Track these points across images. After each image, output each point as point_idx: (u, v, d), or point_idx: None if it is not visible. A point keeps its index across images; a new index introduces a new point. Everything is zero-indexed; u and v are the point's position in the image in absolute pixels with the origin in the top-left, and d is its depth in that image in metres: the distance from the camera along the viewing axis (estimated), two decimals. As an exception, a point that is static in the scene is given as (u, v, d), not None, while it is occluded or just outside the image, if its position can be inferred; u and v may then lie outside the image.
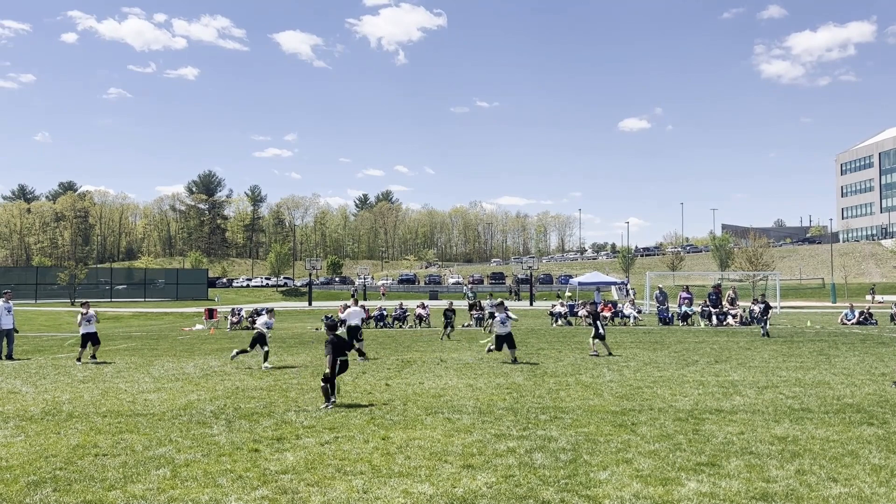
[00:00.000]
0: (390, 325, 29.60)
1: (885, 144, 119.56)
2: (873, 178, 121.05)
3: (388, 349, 19.62)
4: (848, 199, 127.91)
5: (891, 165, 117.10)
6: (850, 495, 5.88)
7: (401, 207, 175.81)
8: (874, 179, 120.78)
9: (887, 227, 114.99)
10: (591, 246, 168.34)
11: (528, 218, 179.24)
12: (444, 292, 78.76)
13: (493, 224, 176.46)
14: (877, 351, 17.81)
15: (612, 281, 53.28)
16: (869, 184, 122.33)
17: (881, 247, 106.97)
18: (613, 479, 6.41)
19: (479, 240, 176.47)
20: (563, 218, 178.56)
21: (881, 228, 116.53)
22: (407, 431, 8.56)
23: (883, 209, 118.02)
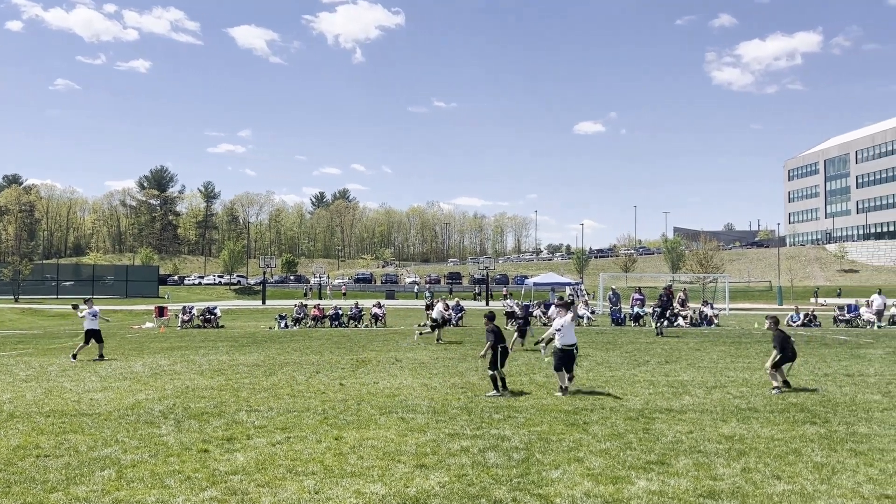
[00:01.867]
0: (345, 325, 29.40)
1: (830, 152, 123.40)
2: (819, 184, 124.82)
3: (343, 349, 19.48)
4: (795, 205, 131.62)
5: (835, 172, 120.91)
6: (794, 492, 6.04)
7: (358, 206, 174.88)
8: (819, 186, 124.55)
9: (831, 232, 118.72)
10: (546, 247, 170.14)
11: (485, 219, 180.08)
12: (400, 292, 78.57)
13: (451, 224, 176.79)
14: (820, 352, 18.34)
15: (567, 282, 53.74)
16: (814, 190, 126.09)
17: (825, 251, 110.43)
18: (565, 478, 6.46)
19: (436, 240, 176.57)
20: (519, 219, 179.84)
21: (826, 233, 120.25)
22: (360, 431, 8.50)
23: (827, 215, 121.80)
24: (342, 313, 30.26)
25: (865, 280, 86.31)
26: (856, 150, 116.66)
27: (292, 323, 29.47)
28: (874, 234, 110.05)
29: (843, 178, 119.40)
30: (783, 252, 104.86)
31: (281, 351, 18.94)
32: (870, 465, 6.86)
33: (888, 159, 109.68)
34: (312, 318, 30.14)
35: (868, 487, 6.17)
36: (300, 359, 16.91)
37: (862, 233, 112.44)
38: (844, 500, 5.84)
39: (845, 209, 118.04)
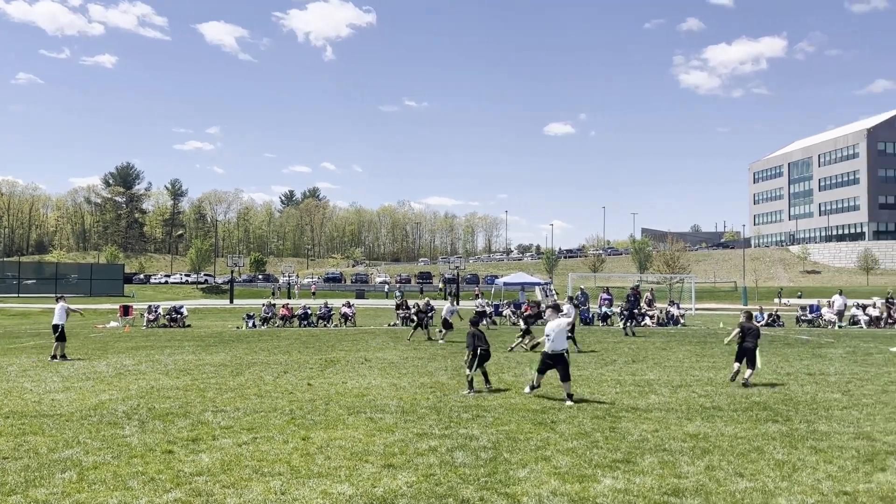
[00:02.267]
0: (314, 325, 29.22)
1: (794, 155, 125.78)
2: (783, 186, 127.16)
3: (311, 348, 19.36)
4: (759, 207, 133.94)
5: (799, 175, 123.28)
6: (755, 489, 6.14)
7: (328, 205, 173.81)
8: (783, 188, 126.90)
9: (795, 233, 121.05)
10: (516, 247, 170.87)
11: (456, 218, 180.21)
12: (370, 291, 78.33)
13: (422, 224, 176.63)
14: (783, 352, 18.69)
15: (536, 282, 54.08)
16: (779, 192, 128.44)
17: (789, 252, 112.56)
18: (532, 477, 6.49)
19: (407, 239, 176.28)
20: (490, 219, 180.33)
21: (789, 235, 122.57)
22: (328, 431, 8.46)
23: (791, 217, 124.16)
24: (311, 313, 30.08)
25: (827, 281, 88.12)
26: (818, 154, 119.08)
27: (260, 322, 29.21)
28: (835, 237, 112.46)
29: (805, 181, 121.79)
30: (748, 253, 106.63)
31: (248, 351, 18.77)
32: (829, 463, 7.01)
33: (849, 163, 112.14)
34: (281, 317, 29.90)
35: (827, 484, 6.30)
36: (268, 359, 16.77)
37: (824, 235, 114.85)
38: (804, 496, 5.96)
39: (808, 211, 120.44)
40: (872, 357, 17.26)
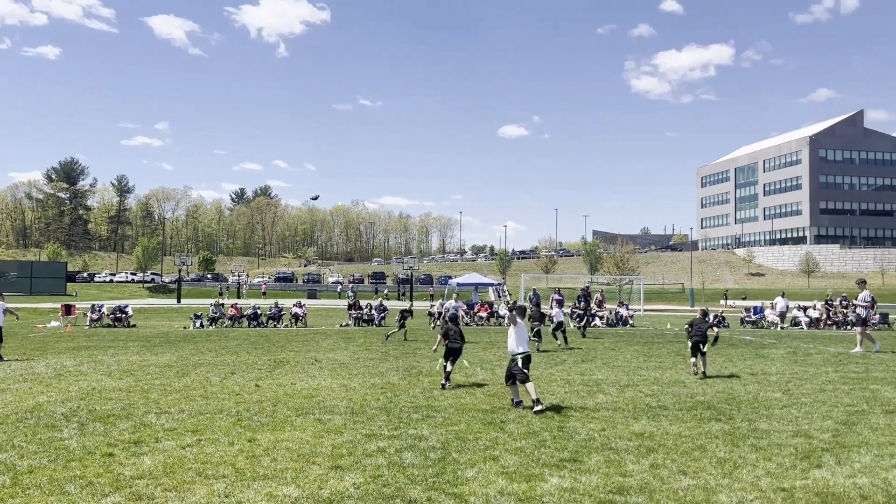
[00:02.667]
0: (264, 325, 28.82)
1: (740, 161, 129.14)
2: (729, 191, 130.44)
3: (260, 349, 19.08)
4: (707, 210, 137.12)
5: (745, 180, 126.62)
6: (698, 487, 6.27)
7: (280, 203, 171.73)
8: (730, 193, 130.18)
9: (740, 237, 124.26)
10: (470, 248, 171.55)
11: (410, 218, 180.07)
12: (323, 291, 77.67)
13: (376, 223, 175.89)
14: (727, 352, 19.15)
15: (490, 282, 54.56)
16: (725, 196, 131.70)
17: (735, 255, 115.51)
18: (480, 477, 6.51)
19: (360, 239, 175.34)
20: (444, 220, 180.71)
21: (735, 238, 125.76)
22: (275, 433, 8.34)
23: (737, 220, 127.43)
24: (261, 313, 29.66)
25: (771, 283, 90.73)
26: (763, 160, 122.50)
27: (208, 322, 28.69)
28: (779, 240, 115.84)
29: (751, 186, 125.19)
30: (695, 256, 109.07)
31: (195, 351, 18.40)
32: (768, 460, 7.19)
33: (792, 169, 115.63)
34: (229, 317, 29.42)
35: (766, 481, 6.46)
36: (215, 359, 16.47)
37: (768, 238, 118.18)
38: (744, 493, 6.10)
39: (753, 215, 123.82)
40: (812, 357, 17.81)
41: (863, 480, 6.49)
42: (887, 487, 6.29)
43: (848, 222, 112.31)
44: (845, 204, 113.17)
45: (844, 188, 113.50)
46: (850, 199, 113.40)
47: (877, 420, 9.37)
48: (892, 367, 15.80)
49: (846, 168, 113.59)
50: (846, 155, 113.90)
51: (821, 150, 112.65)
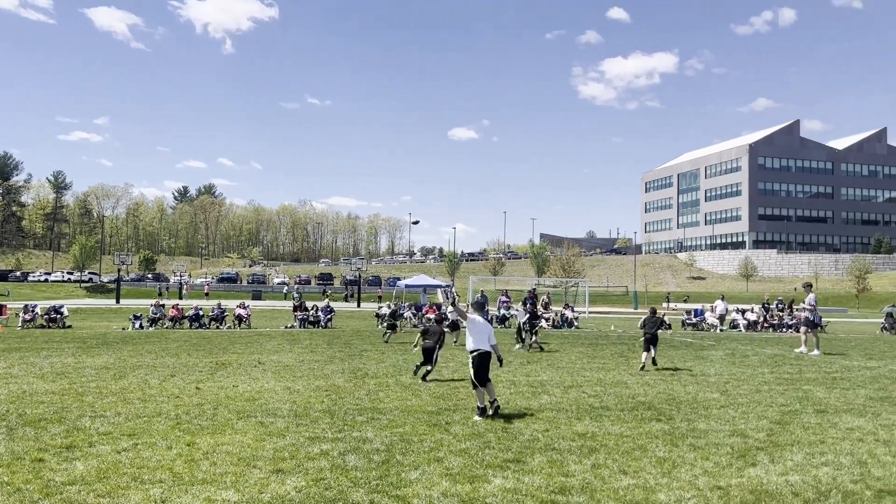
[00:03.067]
0: (206, 326, 28.23)
1: (683, 167, 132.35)
2: (672, 196, 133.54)
3: (202, 351, 18.67)
4: (650, 215, 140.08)
5: (687, 186, 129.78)
6: (637, 486, 6.37)
7: (224, 202, 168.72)
8: (673, 198, 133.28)
9: (682, 241, 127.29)
10: (419, 249, 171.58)
11: (359, 219, 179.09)
12: (268, 292, 76.56)
13: (324, 224, 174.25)
14: (668, 354, 19.56)
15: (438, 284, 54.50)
16: (668, 201, 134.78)
17: (677, 259, 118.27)
18: (424, 479, 6.48)
19: (308, 239, 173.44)
20: (393, 221, 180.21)
21: (677, 242, 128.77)
22: (215, 437, 8.15)
23: (679, 225, 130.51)
24: (203, 314, 29.04)
25: (711, 287, 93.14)
26: (705, 166, 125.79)
27: (148, 324, 27.96)
28: (719, 245, 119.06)
29: (693, 192, 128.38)
30: (639, 259, 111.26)
31: (134, 353, 17.90)
32: (706, 459, 7.36)
33: (732, 175, 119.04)
34: (170, 318, 28.72)
35: (703, 480, 6.60)
36: (154, 361, 16.05)
37: (709, 243, 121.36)
38: (682, 492, 6.22)
39: (695, 221, 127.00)
40: (749, 359, 18.34)
41: (794, 478, 6.70)
42: (817, 484, 6.50)
43: (784, 228, 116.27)
44: (782, 210, 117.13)
45: (781, 195, 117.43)
46: (787, 205, 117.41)
47: (808, 419, 9.69)
48: (825, 368, 16.39)
49: (783, 176, 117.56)
50: (783, 163, 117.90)
51: (759, 158, 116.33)
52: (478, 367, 9.56)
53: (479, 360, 9.61)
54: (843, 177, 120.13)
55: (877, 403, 11.18)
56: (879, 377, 14.76)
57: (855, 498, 6.12)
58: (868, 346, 24.12)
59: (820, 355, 19.47)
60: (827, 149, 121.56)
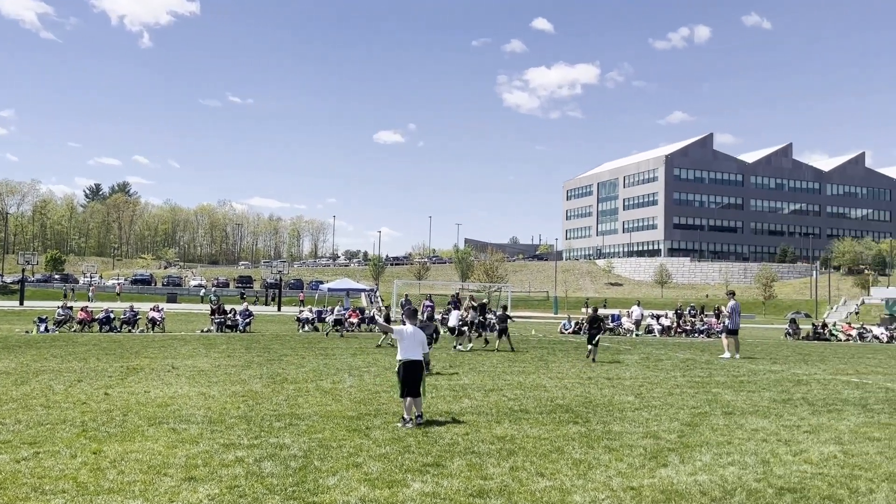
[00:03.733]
0: (118, 329, 27.12)
1: (602, 176, 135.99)
2: (592, 204, 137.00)
3: (112, 355, 17.92)
4: (571, 223, 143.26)
5: (606, 195, 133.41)
6: (554, 488, 6.47)
7: (139, 202, 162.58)
8: (593, 206, 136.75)
9: (601, 248, 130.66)
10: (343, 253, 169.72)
11: (281, 221, 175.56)
12: (184, 295, 74.27)
13: (244, 225, 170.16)
14: (586, 357, 20.00)
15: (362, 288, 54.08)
16: (588, 209, 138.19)
17: (596, 265, 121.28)
18: (341, 484, 6.40)
19: (227, 241, 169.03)
20: (317, 223, 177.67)
21: (596, 249, 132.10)
22: (124, 444, 7.82)
23: (598, 233, 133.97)
24: (114, 317, 27.90)
25: (628, 293, 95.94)
26: (624, 176, 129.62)
27: (54, 326, 26.64)
28: (636, 252, 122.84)
29: (612, 201, 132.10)
30: (560, 265, 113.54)
31: (38, 357, 17.01)
32: (620, 461, 7.55)
33: (649, 185, 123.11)
34: (79, 321, 27.46)
35: (617, 480, 6.77)
36: (60, 366, 15.29)
37: (626, 251, 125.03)
38: (597, 493, 6.36)
39: (613, 228, 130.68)
40: (662, 363, 18.96)
41: (703, 477, 6.95)
42: (723, 483, 6.76)
43: (697, 237, 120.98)
44: (695, 220, 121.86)
45: (695, 205, 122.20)
46: (700, 215, 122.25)
47: (717, 421, 10.08)
48: (733, 372, 17.11)
49: (697, 187, 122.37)
50: (697, 174, 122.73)
51: (675, 169, 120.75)
52: (406, 377, 9.32)
53: (407, 368, 9.35)
54: (752, 189, 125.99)
55: (780, 405, 11.75)
56: (783, 380, 15.53)
57: (758, 496, 6.39)
58: (773, 351, 25.36)
59: (729, 360, 20.31)
60: (738, 162, 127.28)
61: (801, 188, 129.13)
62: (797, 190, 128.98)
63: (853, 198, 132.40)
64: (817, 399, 12.60)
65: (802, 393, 13.42)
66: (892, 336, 36.36)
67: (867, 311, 70.39)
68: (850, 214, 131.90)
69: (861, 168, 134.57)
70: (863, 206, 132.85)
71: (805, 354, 24.08)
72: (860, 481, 6.94)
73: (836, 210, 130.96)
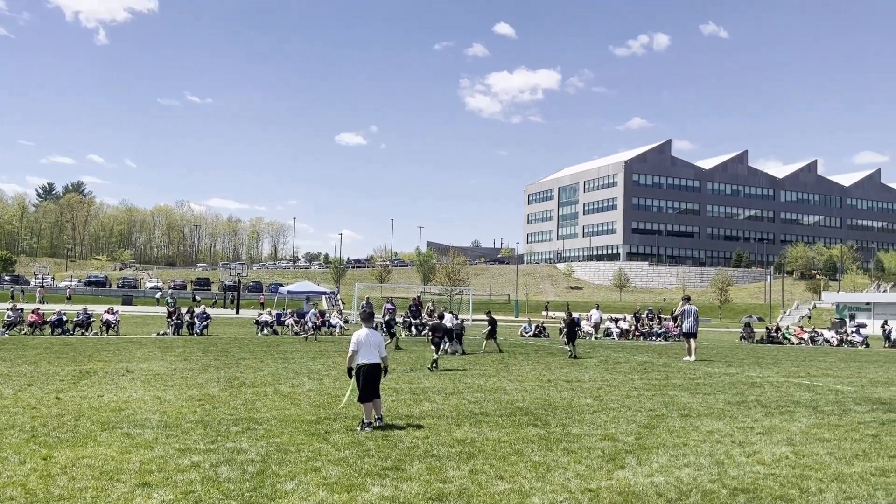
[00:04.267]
0: (70, 332, 26.45)
1: (563, 181, 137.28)
2: (553, 209, 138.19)
3: (64, 359, 17.48)
4: (532, 226, 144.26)
5: (567, 199, 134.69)
6: (513, 490, 6.50)
7: (94, 202, 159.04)
8: (553, 210, 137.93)
9: (562, 252, 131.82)
10: (304, 255, 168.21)
11: (240, 223, 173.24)
12: (140, 297, 72.86)
13: (202, 226, 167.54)
14: (546, 360, 20.18)
15: (322, 291, 53.66)
16: (549, 214, 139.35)
17: (556, 269, 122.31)
18: (300, 489, 6.33)
19: (184, 242, 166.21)
20: (277, 225, 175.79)
21: (557, 253, 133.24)
22: (76, 450, 7.63)
23: (559, 237, 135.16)
24: (67, 319, 27.22)
25: (587, 296, 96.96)
26: (584, 181, 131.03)
27: (3, 329, 25.86)
28: (595, 256, 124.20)
29: (572, 205, 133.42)
30: (521, 269, 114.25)
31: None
32: (578, 463, 7.62)
33: (609, 190, 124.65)
34: (29, 323, 26.71)
35: (575, 482, 6.83)
36: (9, 370, 14.86)
37: (586, 255, 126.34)
38: (555, 495, 6.40)
39: (573, 233, 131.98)
40: (621, 366, 19.20)
41: (659, 479, 7.05)
42: (679, 484, 6.87)
43: (656, 242, 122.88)
44: (654, 225, 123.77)
45: (653, 210, 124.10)
46: (658, 220, 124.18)
47: (674, 423, 10.24)
48: (689, 374, 17.40)
49: (655, 192, 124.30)
50: (655, 180, 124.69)
51: (634, 175, 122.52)
52: (366, 381, 9.22)
53: (367, 372, 9.26)
54: (709, 195, 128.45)
55: (734, 407, 11.98)
56: (737, 383, 15.85)
57: (713, 496, 6.51)
58: (728, 354, 25.87)
59: (688, 362, 20.70)
60: (695, 168, 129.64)
61: (756, 194, 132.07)
62: (752, 196, 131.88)
63: (806, 204, 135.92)
64: (770, 401, 12.89)
65: (756, 395, 13.71)
66: (842, 339, 37.41)
67: (819, 315, 72.37)
68: (803, 220, 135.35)
69: (813, 175, 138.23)
70: (815, 213, 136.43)
71: (759, 357, 24.63)
72: (810, 481, 7.11)
73: (789, 216, 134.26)
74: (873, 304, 58.09)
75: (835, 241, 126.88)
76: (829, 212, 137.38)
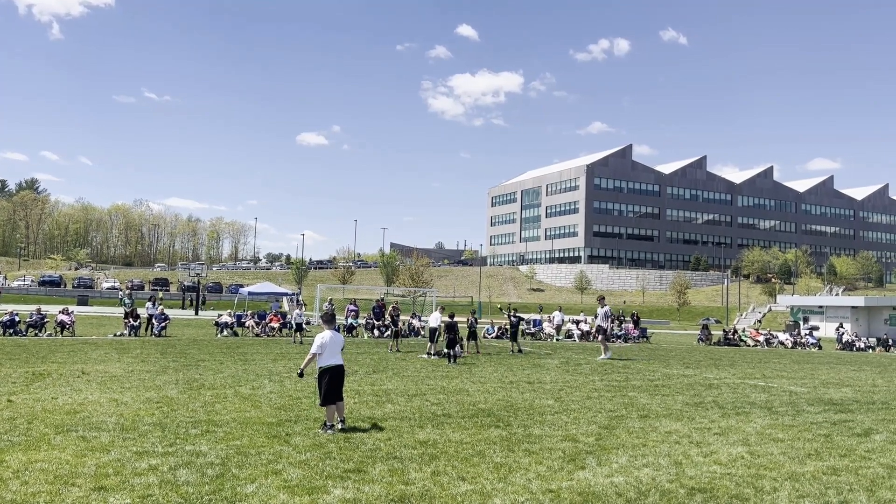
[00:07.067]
0: (23, 333, 25.77)
1: (526, 184, 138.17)
2: (516, 211, 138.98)
3: (16, 360, 17.01)
4: (496, 229, 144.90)
5: (530, 202, 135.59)
6: (475, 492, 6.53)
7: (48, 199, 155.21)
8: (517, 213, 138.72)
9: (525, 254, 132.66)
10: (265, 256, 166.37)
11: (200, 222, 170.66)
12: (96, 298, 71.31)
13: (161, 226, 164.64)
14: (508, 362, 20.29)
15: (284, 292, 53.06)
16: (512, 216, 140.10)
17: (519, 271, 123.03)
18: (260, 492, 6.28)
19: (142, 242, 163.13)
20: (237, 225, 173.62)
21: (520, 255, 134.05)
22: (28, 453, 7.44)
23: (522, 239, 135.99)
24: (19, 320, 26.51)
25: (549, 298, 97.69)
26: (547, 184, 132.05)
27: (-47, 330, 25.08)
28: (557, 259, 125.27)
29: (535, 208, 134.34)
30: (484, 271, 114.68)
31: (-67, 362, 15.99)
32: (539, 464, 7.68)
33: (571, 194, 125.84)
34: (-20, 324, 25.93)
35: (536, 483, 6.88)
36: (-42, 372, 14.41)
37: (548, 257, 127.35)
38: (517, 496, 6.45)
39: (536, 235, 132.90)
40: (581, 367, 19.40)
41: (619, 479, 7.15)
42: (638, 485, 6.97)
43: (616, 245, 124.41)
44: (614, 228, 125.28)
45: (614, 214, 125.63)
46: (619, 224, 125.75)
47: (633, 424, 10.39)
48: (648, 376, 17.66)
49: (616, 196, 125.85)
50: (616, 184, 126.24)
51: (595, 179, 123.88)
52: (330, 383, 9.17)
53: (331, 374, 9.23)
54: (669, 199, 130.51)
55: (692, 409, 12.20)
56: (695, 384, 16.14)
57: (671, 496, 6.62)
58: (686, 356, 26.32)
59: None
60: (655, 172, 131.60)
61: (714, 199, 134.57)
62: (710, 201, 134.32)
63: (762, 209, 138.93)
64: (727, 402, 13.15)
65: (713, 396, 13.98)
66: (795, 342, 38.34)
67: (774, 318, 74.04)
68: (759, 225, 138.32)
69: (769, 181, 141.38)
70: (771, 218, 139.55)
71: (716, 359, 25.11)
72: (765, 480, 7.28)
73: (746, 221, 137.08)
74: (826, 307, 59.63)
75: (790, 246, 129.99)
76: (785, 217, 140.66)
